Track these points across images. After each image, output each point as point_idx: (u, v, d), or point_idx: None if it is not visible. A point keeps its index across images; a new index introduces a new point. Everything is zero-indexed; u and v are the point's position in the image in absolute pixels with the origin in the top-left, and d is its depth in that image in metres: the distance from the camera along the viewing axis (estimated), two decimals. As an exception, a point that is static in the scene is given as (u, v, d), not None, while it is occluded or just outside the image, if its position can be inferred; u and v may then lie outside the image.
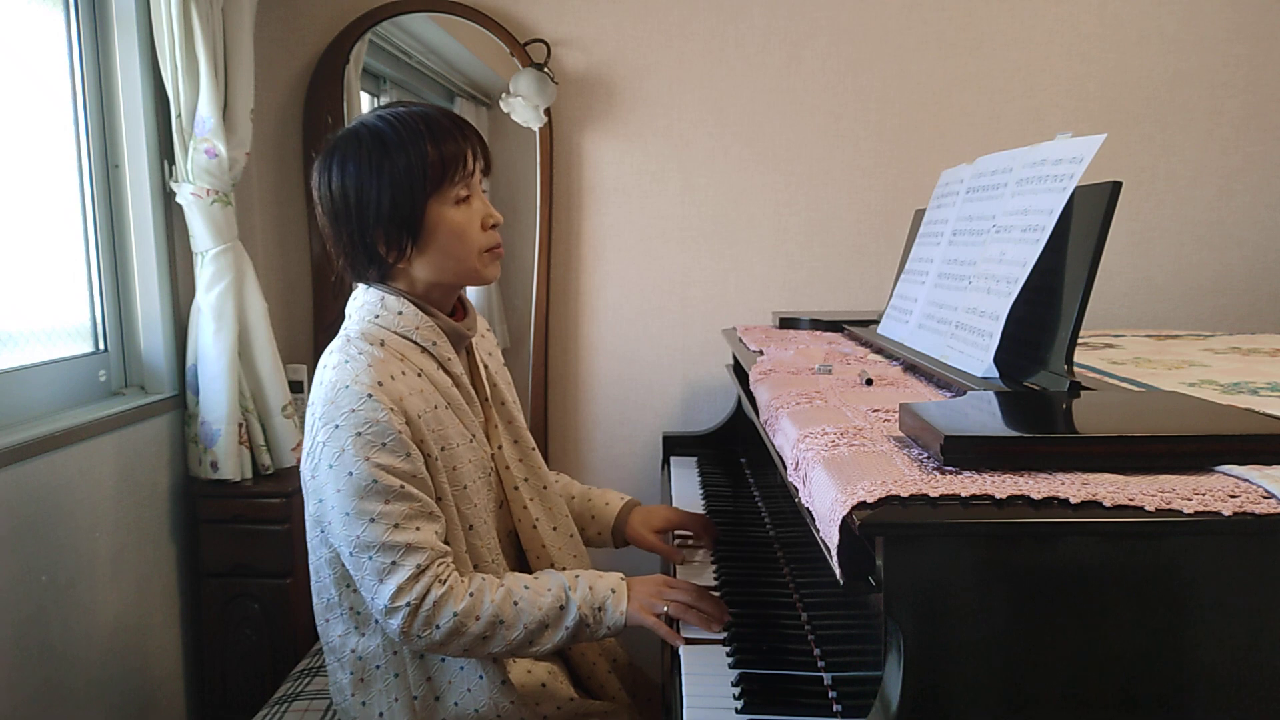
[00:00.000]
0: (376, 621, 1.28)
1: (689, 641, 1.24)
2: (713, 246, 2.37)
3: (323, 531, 1.27)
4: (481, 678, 1.29)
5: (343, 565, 1.27)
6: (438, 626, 1.19)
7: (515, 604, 1.22)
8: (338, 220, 1.27)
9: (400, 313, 1.28)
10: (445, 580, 1.20)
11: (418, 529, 1.19)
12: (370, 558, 1.18)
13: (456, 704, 1.29)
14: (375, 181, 1.23)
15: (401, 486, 1.19)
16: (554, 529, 1.43)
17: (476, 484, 1.32)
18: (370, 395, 1.19)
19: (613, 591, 1.26)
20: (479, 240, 1.30)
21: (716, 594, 1.38)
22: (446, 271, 1.30)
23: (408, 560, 1.18)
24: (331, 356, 1.26)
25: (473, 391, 1.36)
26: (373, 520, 1.18)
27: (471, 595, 1.21)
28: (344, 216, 1.26)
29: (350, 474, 1.18)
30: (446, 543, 1.25)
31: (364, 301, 1.31)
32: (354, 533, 1.18)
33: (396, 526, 1.18)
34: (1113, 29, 2.23)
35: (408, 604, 1.17)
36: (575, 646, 1.42)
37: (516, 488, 1.40)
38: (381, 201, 1.24)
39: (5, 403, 1.64)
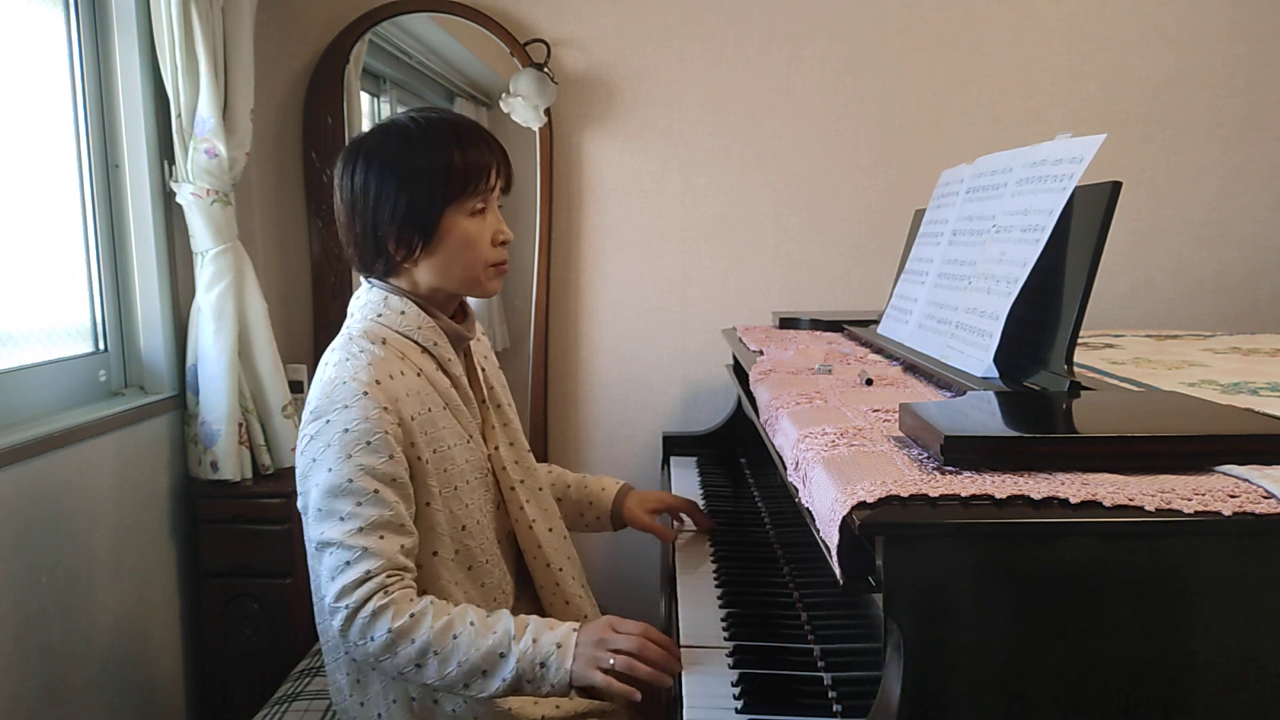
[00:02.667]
0: None
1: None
2: (713, 246, 2.37)
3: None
4: None
5: None
6: (372, 639, 1.15)
7: (454, 637, 1.16)
8: (353, 211, 1.29)
9: (403, 312, 1.29)
10: (391, 593, 1.16)
11: (381, 538, 1.18)
12: (330, 554, 1.17)
13: (453, 711, 1.28)
14: (396, 179, 1.25)
15: (376, 491, 1.18)
16: (549, 530, 1.44)
17: (472, 484, 1.32)
18: (366, 393, 1.20)
19: (558, 646, 1.16)
20: (487, 254, 1.31)
21: (720, 602, 1.37)
22: (450, 278, 1.30)
23: (360, 564, 1.16)
24: (333, 354, 1.26)
25: (470, 393, 1.37)
26: (340, 519, 1.17)
27: (411, 616, 1.16)
28: (360, 209, 1.27)
29: (330, 470, 1.18)
30: (434, 550, 1.25)
31: (367, 300, 1.32)
32: (320, 529, 1.19)
33: (360, 530, 1.17)
34: (1112, 29, 2.23)
35: (346, 606, 1.15)
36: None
37: (513, 488, 1.40)
38: (399, 200, 1.25)
39: (5, 403, 1.64)
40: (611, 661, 1.16)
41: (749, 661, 1.18)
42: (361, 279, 1.37)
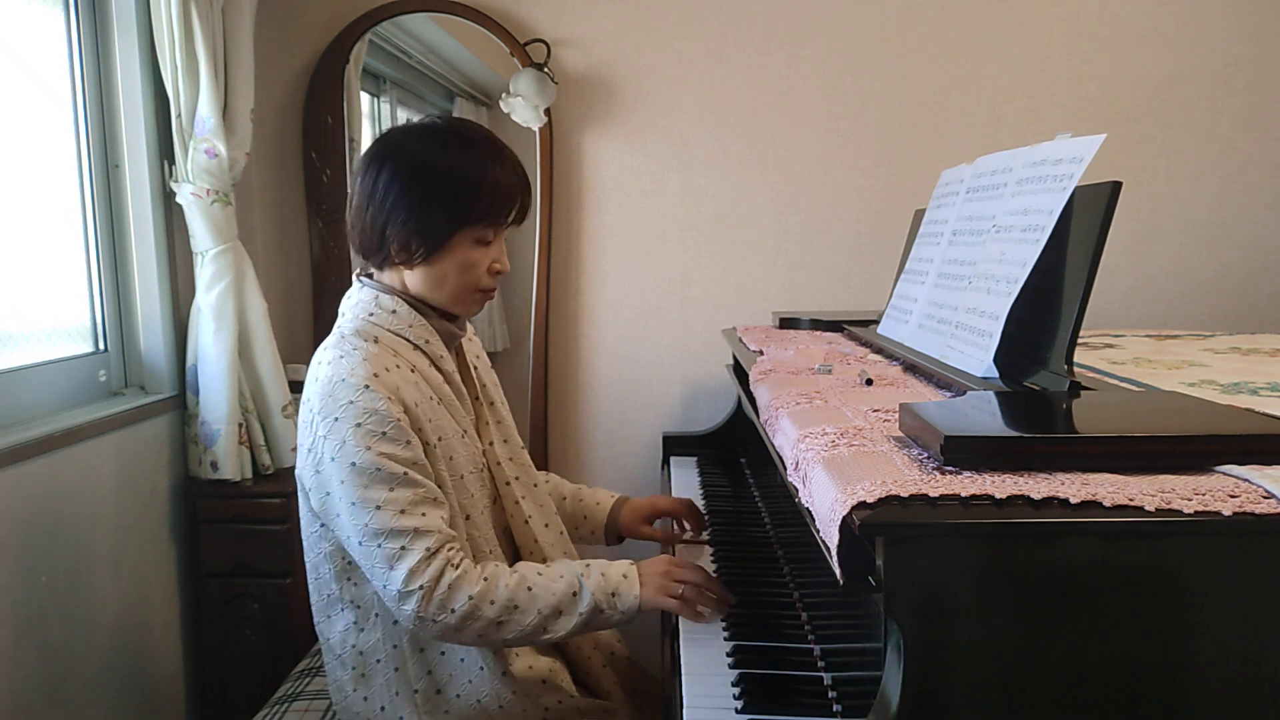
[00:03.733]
0: (377, 615, 1.29)
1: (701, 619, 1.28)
2: (713, 246, 2.37)
3: (322, 525, 1.28)
4: (482, 669, 1.29)
5: (344, 559, 1.28)
6: (452, 610, 1.18)
7: (529, 589, 1.22)
8: (366, 205, 1.28)
9: (394, 311, 1.30)
10: (458, 565, 1.20)
11: (424, 514, 1.19)
12: (380, 545, 1.18)
13: (458, 696, 1.29)
14: (418, 191, 1.25)
15: (405, 473, 1.19)
16: (545, 525, 1.44)
17: (470, 477, 1.33)
18: (367, 386, 1.20)
19: (624, 577, 1.26)
20: (480, 280, 1.32)
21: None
22: (438, 293, 1.31)
23: (417, 544, 1.18)
24: (326, 353, 1.26)
25: (463, 389, 1.37)
26: (379, 507, 1.18)
27: (486, 579, 1.21)
28: (375, 205, 1.27)
29: (353, 464, 1.18)
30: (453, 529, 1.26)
31: (358, 300, 1.32)
32: (361, 521, 1.18)
33: (403, 512, 1.18)
34: (1112, 29, 2.23)
35: (421, 587, 1.17)
36: (573, 642, 1.42)
37: (508, 484, 1.40)
38: (415, 209, 1.25)
39: (5, 403, 1.64)
40: (681, 590, 1.27)
41: (749, 661, 1.18)
42: (353, 278, 1.37)
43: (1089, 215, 1.00)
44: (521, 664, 1.34)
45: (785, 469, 0.96)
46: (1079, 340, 1.01)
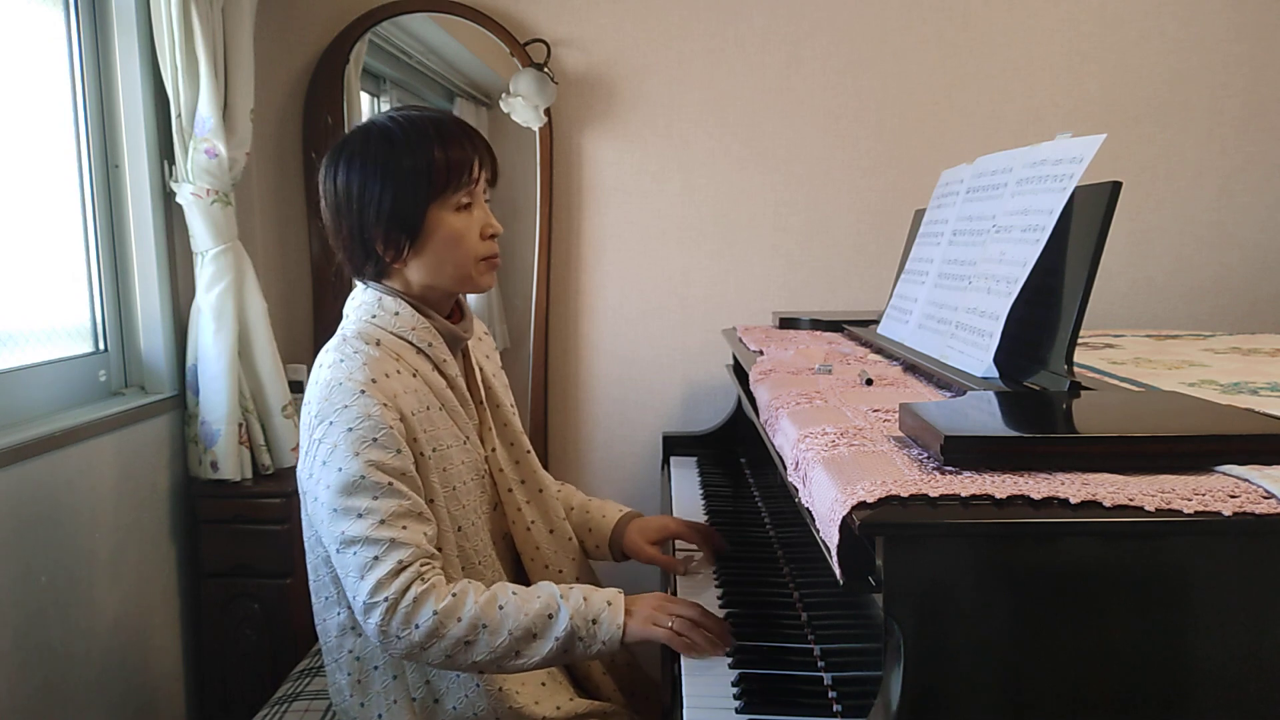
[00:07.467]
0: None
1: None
2: (713, 246, 2.37)
3: (316, 530, 1.27)
4: (479, 685, 1.29)
5: None
6: (416, 626, 1.14)
7: (500, 608, 1.17)
8: (339, 214, 1.28)
9: (397, 313, 1.29)
10: (428, 579, 1.16)
11: (404, 527, 1.17)
12: (354, 553, 1.16)
13: (455, 708, 1.28)
14: (380, 180, 1.24)
15: (390, 484, 1.18)
16: (550, 532, 1.43)
17: (468, 485, 1.32)
18: (364, 391, 1.19)
19: (609, 604, 1.20)
20: (476, 248, 1.30)
21: (720, 602, 1.37)
22: (441, 276, 1.30)
23: (390, 556, 1.15)
24: (327, 355, 1.26)
25: (467, 394, 1.36)
26: (359, 516, 1.16)
27: (454, 595, 1.16)
28: (345, 211, 1.27)
29: (340, 469, 1.17)
30: (439, 547, 1.24)
31: (361, 301, 1.32)
32: (340, 528, 1.17)
33: (382, 523, 1.16)
34: (1113, 29, 2.23)
35: (386, 599, 1.13)
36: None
37: (511, 490, 1.39)
38: (384, 200, 1.24)
39: (5, 403, 1.64)
40: (671, 623, 1.20)
41: (749, 661, 1.18)
42: (355, 281, 1.36)
43: (1089, 215, 1.00)
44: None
45: (785, 469, 0.96)
46: (1079, 340, 1.01)
